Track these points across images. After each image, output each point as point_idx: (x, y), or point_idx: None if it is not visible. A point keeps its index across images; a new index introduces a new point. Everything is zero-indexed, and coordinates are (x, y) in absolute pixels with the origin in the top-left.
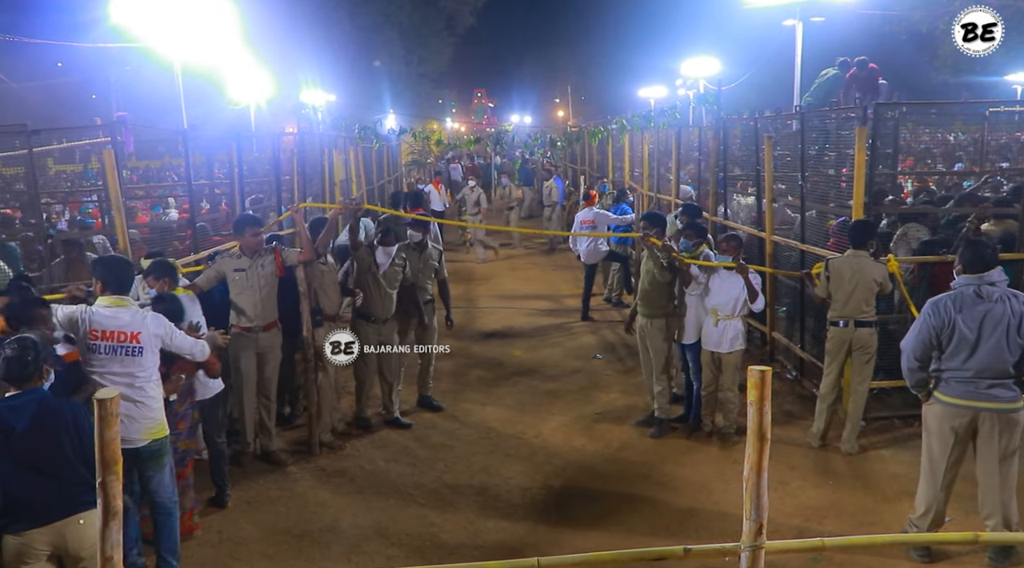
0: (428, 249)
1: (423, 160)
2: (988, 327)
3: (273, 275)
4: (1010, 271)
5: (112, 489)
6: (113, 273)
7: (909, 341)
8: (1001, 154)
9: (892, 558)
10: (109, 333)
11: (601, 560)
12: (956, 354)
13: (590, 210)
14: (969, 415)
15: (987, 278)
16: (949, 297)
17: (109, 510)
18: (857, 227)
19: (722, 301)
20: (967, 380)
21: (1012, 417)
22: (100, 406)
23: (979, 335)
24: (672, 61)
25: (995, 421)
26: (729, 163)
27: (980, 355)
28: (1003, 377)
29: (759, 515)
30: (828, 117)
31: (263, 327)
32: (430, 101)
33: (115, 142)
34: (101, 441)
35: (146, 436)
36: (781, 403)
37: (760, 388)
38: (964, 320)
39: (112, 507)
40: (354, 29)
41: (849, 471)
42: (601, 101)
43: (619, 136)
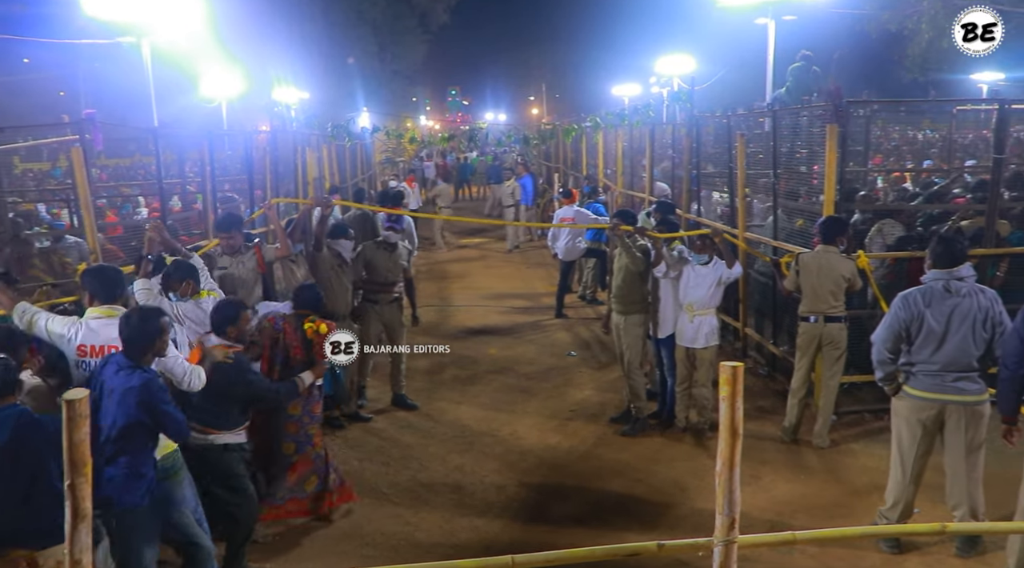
0: (398, 249)
1: (396, 158)
2: (956, 321)
3: (255, 271)
4: (976, 267)
5: (81, 491)
6: (102, 282)
7: (879, 334)
8: (968, 152)
9: (863, 549)
10: (99, 348)
11: (575, 557)
12: (924, 347)
13: (570, 208)
14: (936, 408)
15: (956, 273)
16: (919, 291)
17: (78, 513)
18: (827, 223)
19: (697, 296)
20: (934, 373)
21: (978, 409)
22: (69, 407)
23: (947, 329)
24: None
25: (961, 413)
26: (703, 161)
27: (947, 349)
28: (969, 370)
29: (731, 510)
30: (800, 114)
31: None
32: (404, 99)
33: (83, 140)
34: (70, 443)
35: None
36: (754, 398)
37: (732, 384)
38: (932, 314)
39: (81, 509)
40: (327, 26)
41: (820, 465)
42: (575, 99)
43: (593, 134)
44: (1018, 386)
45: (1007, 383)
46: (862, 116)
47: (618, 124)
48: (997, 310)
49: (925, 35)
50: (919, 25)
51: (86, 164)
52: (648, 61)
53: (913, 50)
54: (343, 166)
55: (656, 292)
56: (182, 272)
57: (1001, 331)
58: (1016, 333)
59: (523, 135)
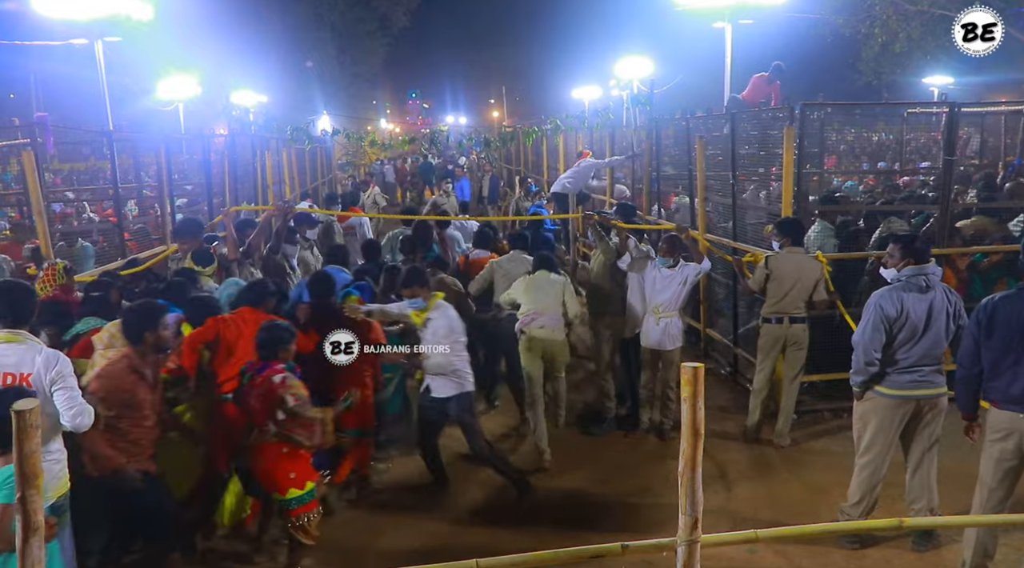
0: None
1: (357, 161)
2: (932, 315)
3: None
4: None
5: (32, 504)
6: (6, 302)
7: (864, 335)
8: (920, 153)
9: (825, 545)
10: None
11: (540, 559)
12: (904, 343)
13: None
14: (912, 404)
15: (928, 269)
16: (898, 287)
17: (29, 525)
18: (791, 224)
19: (663, 298)
20: (908, 369)
21: (942, 401)
22: (18, 418)
23: (927, 323)
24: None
25: (931, 406)
26: (663, 164)
27: (924, 342)
28: (938, 363)
29: (694, 509)
30: (757, 117)
31: None
32: (364, 102)
33: (35, 143)
34: (20, 454)
35: (51, 494)
36: (716, 399)
37: (694, 384)
38: (914, 309)
39: (32, 522)
40: (285, 29)
41: (782, 464)
42: (535, 101)
43: (553, 136)
44: (974, 385)
45: (963, 382)
46: (817, 118)
47: (578, 127)
48: (960, 305)
49: (878, 39)
50: (872, 29)
51: (38, 168)
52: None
53: (867, 54)
54: (303, 170)
55: (626, 293)
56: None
57: (962, 325)
58: (969, 333)
59: (484, 138)
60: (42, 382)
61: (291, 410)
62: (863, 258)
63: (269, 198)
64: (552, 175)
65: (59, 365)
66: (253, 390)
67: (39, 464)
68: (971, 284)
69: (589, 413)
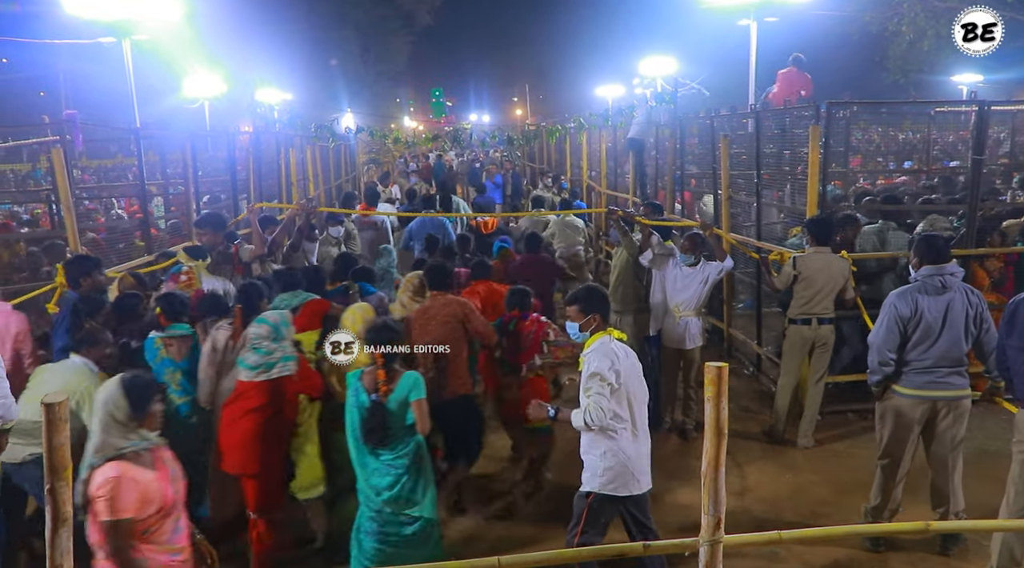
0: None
1: (381, 159)
2: (950, 316)
3: (232, 273)
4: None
5: (61, 495)
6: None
7: (879, 335)
8: (947, 153)
9: (848, 548)
10: None
11: (561, 557)
12: (919, 343)
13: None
14: (929, 404)
15: (947, 269)
16: (915, 287)
17: (58, 517)
18: (818, 223)
19: (684, 297)
20: (927, 370)
21: (963, 403)
22: (48, 410)
23: (943, 324)
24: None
25: (951, 408)
26: (687, 161)
27: (941, 344)
28: (958, 365)
29: (717, 510)
30: (783, 116)
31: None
32: (388, 100)
33: (64, 141)
34: (50, 446)
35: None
36: (739, 399)
37: (717, 384)
38: (930, 309)
39: (61, 513)
40: (310, 27)
41: (806, 465)
42: (559, 100)
43: (577, 135)
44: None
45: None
46: (843, 117)
47: (602, 125)
48: (982, 307)
49: (906, 37)
50: (900, 27)
51: (67, 165)
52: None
53: (894, 52)
54: (327, 167)
55: (649, 290)
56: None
57: (987, 329)
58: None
59: (507, 136)
60: None
61: (552, 341)
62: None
63: (293, 195)
64: (575, 174)
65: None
66: (523, 332)
67: (68, 456)
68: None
69: None
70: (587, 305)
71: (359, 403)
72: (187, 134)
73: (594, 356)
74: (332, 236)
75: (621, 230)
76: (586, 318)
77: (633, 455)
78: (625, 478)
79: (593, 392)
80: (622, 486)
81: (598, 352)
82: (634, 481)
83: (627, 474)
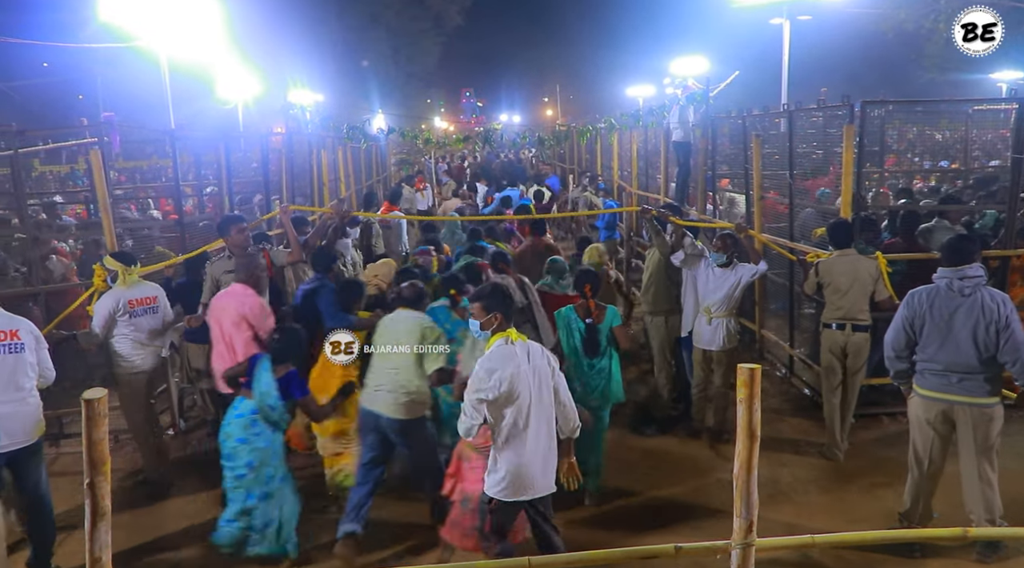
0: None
1: (412, 159)
2: (959, 321)
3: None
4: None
5: (100, 489)
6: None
7: (888, 332)
8: (985, 152)
9: (882, 553)
10: None
11: (592, 559)
12: (927, 345)
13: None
14: (942, 407)
15: (963, 272)
16: (924, 290)
17: (97, 510)
18: (836, 227)
19: (715, 299)
20: (939, 373)
21: (985, 411)
22: (88, 406)
23: (949, 328)
24: (660, 60)
25: (968, 415)
26: (718, 162)
27: (949, 348)
28: (972, 371)
29: (749, 513)
30: (816, 115)
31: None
32: (419, 100)
33: (102, 143)
34: (89, 441)
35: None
36: (769, 401)
37: (750, 386)
38: (934, 312)
39: (100, 507)
40: (342, 28)
41: (839, 467)
42: (589, 100)
43: (607, 135)
44: None
45: None
46: (878, 116)
47: (632, 125)
48: (1004, 314)
49: (942, 34)
50: (936, 24)
51: (104, 166)
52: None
53: (931, 49)
54: (358, 168)
55: (681, 291)
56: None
57: (1007, 337)
58: None
59: (537, 136)
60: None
61: None
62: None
63: (325, 196)
64: (606, 174)
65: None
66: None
67: (107, 450)
68: None
69: (641, 414)
70: (489, 303)
71: (577, 327)
72: (220, 135)
73: (483, 364)
74: (348, 234)
75: (654, 229)
76: (487, 316)
77: (527, 461)
78: (520, 484)
79: (467, 405)
80: (519, 491)
81: (489, 358)
82: (530, 486)
83: (521, 480)
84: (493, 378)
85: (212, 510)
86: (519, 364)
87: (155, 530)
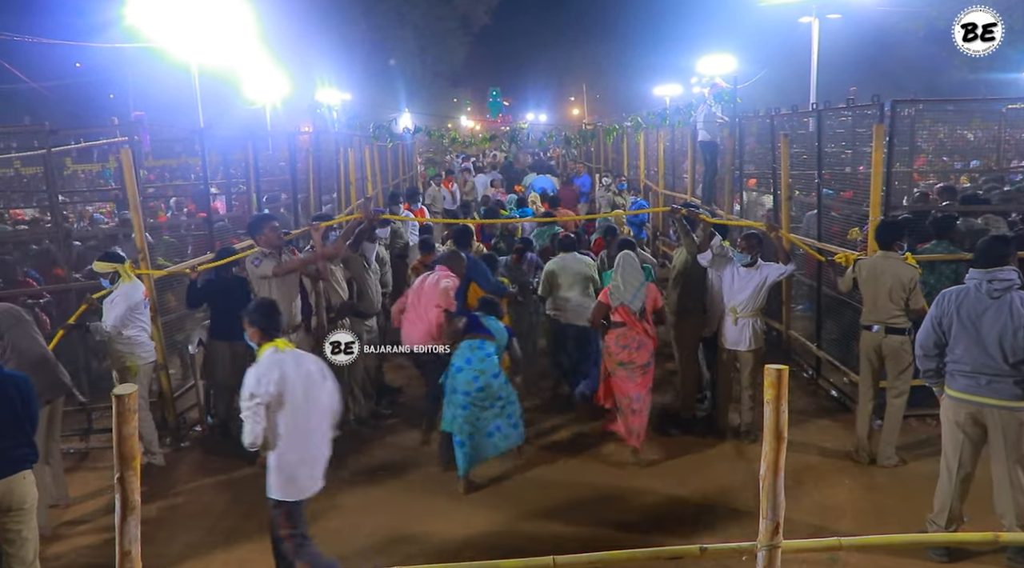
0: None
1: (439, 159)
2: (986, 323)
3: (295, 277)
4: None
5: (130, 484)
6: None
7: (919, 331)
8: (1019, 152)
9: (910, 558)
10: None
11: (617, 559)
12: (955, 346)
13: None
14: (971, 409)
15: (994, 274)
16: (955, 290)
17: (127, 505)
18: (883, 228)
19: (741, 299)
20: (967, 374)
21: (1016, 415)
22: (118, 402)
23: (976, 330)
24: (687, 59)
25: (998, 417)
26: (745, 161)
27: (977, 350)
28: (1001, 374)
29: (775, 514)
30: (845, 115)
31: (291, 329)
32: (445, 100)
33: (132, 142)
34: (119, 437)
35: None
36: (795, 402)
37: (777, 387)
38: (962, 313)
39: (130, 501)
40: (368, 28)
41: (866, 470)
42: (616, 99)
43: (634, 134)
44: None
45: None
46: (908, 116)
47: (659, 124)
48: None
49: None
50: None
51: (135, 165)
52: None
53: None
54: (385, 167)
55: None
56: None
57: None
58: None
59: (564, 135)
60: None
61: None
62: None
63: (352, 195)
64: (632, 173)
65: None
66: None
67: (136, 446)
68: None
69: (668, 414)
70: (251, 318)
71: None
72: (248, 134)
73: (252, 371)
74: (378, 236)
75: (683, 229)
76: (251, 330)
77: (297, 461)
78: (297, 485)
79: (247, 413)
80: (298, 492)
81: (258, 367)
82: (305, 486)
83: (297, 480)
84: (266, 384)
85: (236, 507)
86: (289, 368)
87: (180, 525)
